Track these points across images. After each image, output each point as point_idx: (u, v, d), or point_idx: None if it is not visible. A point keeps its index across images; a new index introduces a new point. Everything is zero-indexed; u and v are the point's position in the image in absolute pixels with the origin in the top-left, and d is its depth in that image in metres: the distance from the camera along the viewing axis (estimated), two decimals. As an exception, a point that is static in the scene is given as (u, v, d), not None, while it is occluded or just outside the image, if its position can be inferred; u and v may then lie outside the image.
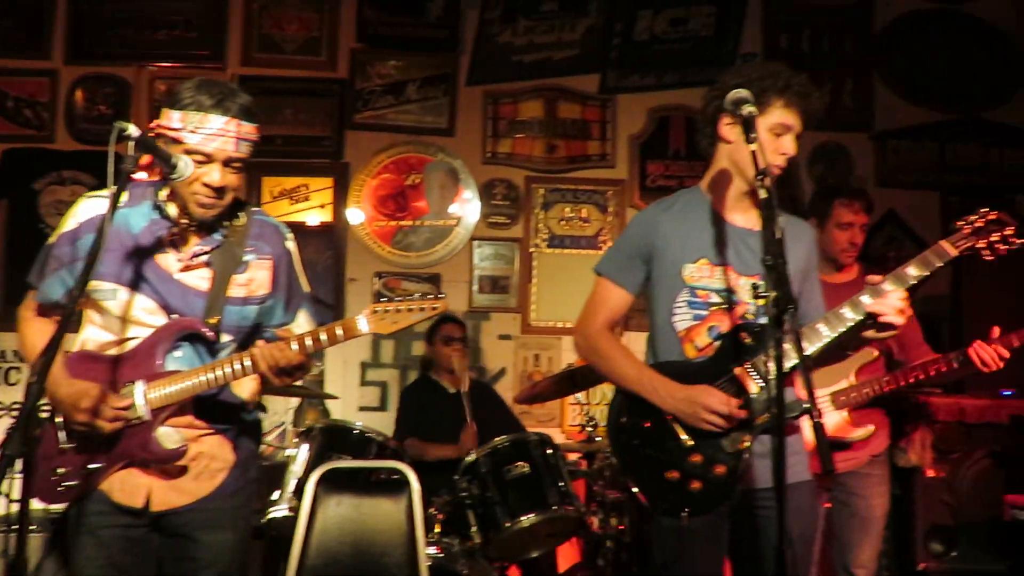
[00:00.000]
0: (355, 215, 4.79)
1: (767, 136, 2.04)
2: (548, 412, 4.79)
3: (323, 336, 1.92)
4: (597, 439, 3.91)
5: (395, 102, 4.83)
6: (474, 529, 3.22)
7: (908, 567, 3.81)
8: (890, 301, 1.96)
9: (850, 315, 2.00)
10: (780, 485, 1.66)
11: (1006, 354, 2.78)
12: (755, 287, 2.04)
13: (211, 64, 4.75)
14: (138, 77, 4.75)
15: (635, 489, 2.12)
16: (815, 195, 4.16)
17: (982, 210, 2.15)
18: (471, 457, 3.29)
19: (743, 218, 2.18)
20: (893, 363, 3.17)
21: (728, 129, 2.13)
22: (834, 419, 3.07)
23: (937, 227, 4.77)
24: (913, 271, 2.04)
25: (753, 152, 1.86)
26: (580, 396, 4.41)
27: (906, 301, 1.97)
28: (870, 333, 2.02)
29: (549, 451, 3.36)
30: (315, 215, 4.79)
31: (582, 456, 4.06)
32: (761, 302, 2.07)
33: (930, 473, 3.89)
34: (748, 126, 1.89)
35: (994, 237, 2.12)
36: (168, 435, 1.93)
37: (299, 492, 2.89)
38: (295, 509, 2.88)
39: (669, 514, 2.05)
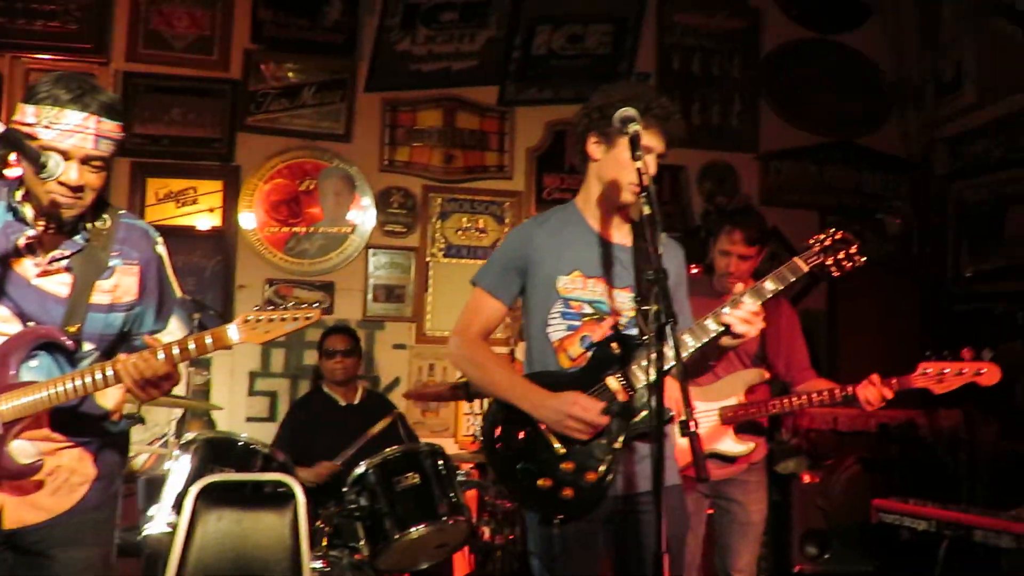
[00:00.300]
0: (246, 220, 4.66)
1: (628, 156, 2.09)
2: (442, 422, 4.77)
3: (191, 345, 1.84)
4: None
5: (290, 106, 4.73)
6: (362, 542, 3.17)
7: (785, 569, 3.97)
8: (740, 312, 2.04)
9: (713, 326, 2.09)
10: (658, 490, 1.71)
11: (890, 395, 2.87)
12: (636, 299, 2.09)
13: (93, 58, 4.53)
14: (12, 69, 4.48)
15: (510, 497, 2.14)
16: (715, 214, 4.31)
17: (830, 230, 2.27)
18: (360, 468, 3.23)
19: (614, 233, 2.26)
20: (778, 384, 3.30)
21: (595, 147, 2.21)
22: (720, 434, 3.18)
23: (816, 245, 5.01)
24: (770, 285, 2.15)
25: (639, 170, 1.91)
26: (474, 406, 4.43)
27: (758, 313, 2.06)
28: (725, 341, 2.10)
29: (440, 461, 3.33)
30: (204, 219, 4.63)
31: (475, 466, 4.07)
32: (632, 313, 2.16)
33: (806, 479, 4.07)
34: (634, 145, 1.94)
35: (840, 255, 2.24)
36: (22, 449, 1.82)
37: (178, 506, 2.78)
38: (173, 524, 2.77)
39: (543, 521, 2.10)
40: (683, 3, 5.21)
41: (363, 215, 4.80)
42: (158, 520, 2.99)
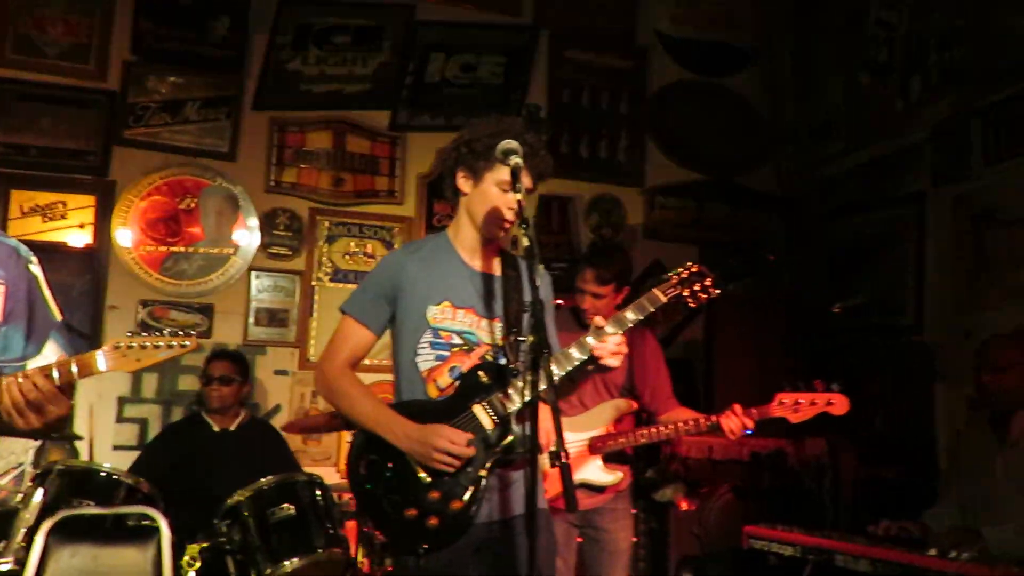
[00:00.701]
0: (120, 237, 4.45)
1: (496, 191, 2.16)
2: (324, 450, 4.66)
3: (55, 373, 1.74)
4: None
5: (172, 120, 4.57)
6: (232, 576, 3.06)
7: (662, 597, 4.05)
8: (608, 345, 2.10)
9: (577, 355, 2.14)
10: (531, 514, 1.73)
11: (751, 425, 3.06)
12: (512, 331, 2.11)
13: (-45, 61, 4.26)
14: None
15: (374, 529, 2.12)
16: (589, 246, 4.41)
17: (688, 263, 2.39)
18: (232, 499, 3.12)
19: (484, 263, 2.29)
20: (644, 411, 3.39)
21: (463, 182, 2.25)
22: (589, 464, 3.23)
23: (695, 278, 5.20)
24: (631, 315, 2.22)
25: (519, 202, 1.94)
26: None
27: (623, 343, 2.13)
28: (594, 371, 2.17)
29: (318, 492, 3.26)
30: (73, 235, 4.39)
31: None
32: (501, 343, 2.19)
33: (683, 506, 4.18)
34: (515, 177, 1.97)
35: (696, 287, 2.34)
36: None
37: (29, 543, 2.60)
38: (22, 562, 2.58)
39: (409, 552, 2.08)
40: (574, 40, 5.35)
41: (247, 236, 4.66)
42: (5, 557, 2.78)
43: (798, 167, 5.67)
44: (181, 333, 1.86)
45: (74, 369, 1.76)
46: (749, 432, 4.32)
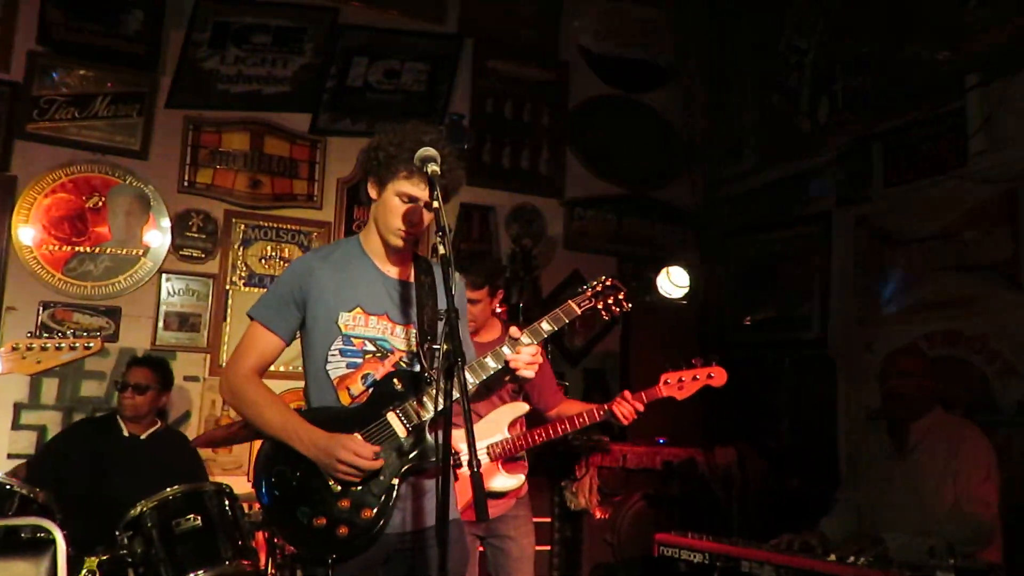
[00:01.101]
0: (21, 235, 4.24)
1: (396, 201, 2.15)
2: (235, 459, 4.54)
3: (-56, 375, 1.66)
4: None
5: (80, 116, 4.38)
6: (134, 590, 2.95)
7: (576, 604, 4.08)
8: (523, 356, 2.14)
9: (492, 364, 2.17)
10: (443, 524, 1.72)
11: (641, 408, 3.23)
12: (427, 338, 2.11)
13: None
14: None
15: (282, 540, 2.08)
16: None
17: (601, 277, 2.48)
18: (136, 510, 3.01)
19: (396, 270, 2.27)
20: (535, 413, 3.42)
21: (371, 187, 2.23)
22: (491, 471, 3.25)
23: (613, 289, 5.30)
24: (546, 326, 2.28)
25: (436, 210, 1.95)
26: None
27: (538, 353, 2.17)
28: (509, 380, 2.20)
29: (227, 502, 3.17)
30: (-32, 232, 4.17)
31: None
32: (415, 350, 2.17)
33: (597, 514, 4.23)
34: (432, 184, 1.98)
35: (610, 300, 2.43)
36: None
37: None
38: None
39: (319, 563, 2.05)
40: (497, 51, 5.39)
41: (158, 237, 4.52)
42: None
43: (711, 183, 5.84)
44: (85, 334, 1.80)
45: (-34, 373, 1.68)
46: (661, 442, 4.47)
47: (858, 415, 4.51)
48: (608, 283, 2.45)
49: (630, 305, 2.48)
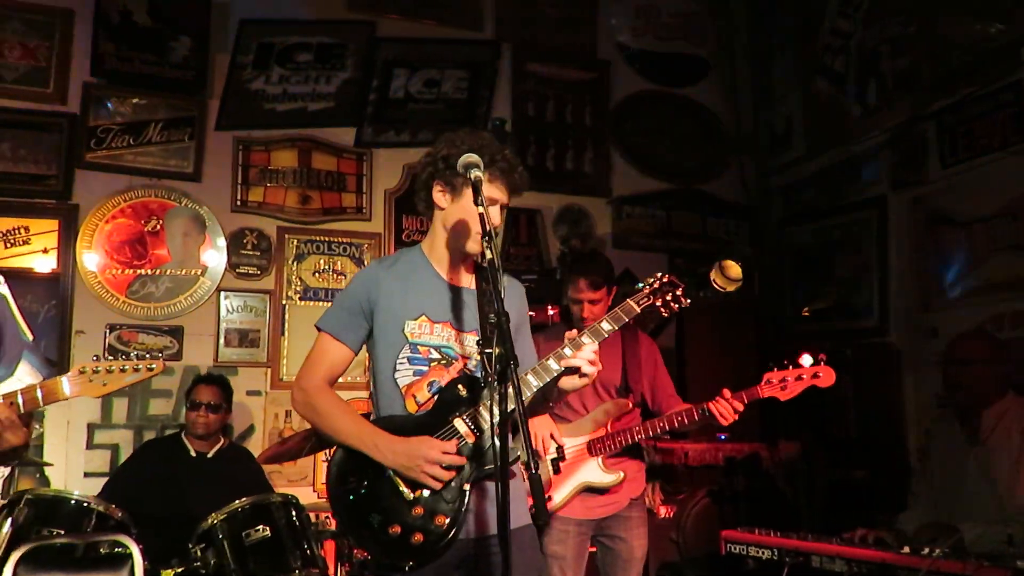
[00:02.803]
0: (86, 261, 4.39)
1: (473, 207, 2.13)
2: (300, 471, 4.62)
3: (20, 399, 1.72)
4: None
5: (134, 143, 4.51)
6: (209, 601, 3.02)
7: (642, 604, 4.04)
8: (584, 354, 2.11)
9: (554, 366, 2.14)
10: (504, 531, 1.71)
11: (740, 407, 3.08)
12: (479, 343, 2.12)
13: (-88, 88, 4.19)
14: None
15: (356, 548, 2.10)
16: (567, 258, 4.41)
17: (657, 274, 2.44)
18: (207, 523, 3.08)
19: (460, 277, 2.29)
20: (649, 412, 3.41)
21: (440, 196, 2.24)
22: (590, 467, 3.25)
23: (666, 286, 5.26)
24: (606, 325, 2.25)
25: (480, 215, 1.95)
26: (332, 454, 4.31)
27: (596, 352, 2.14)
28: (567, 383, 2.15)
29: (294, 512, 3.23)
30: (37, 260, 4.31)
31: (333, 515, 3.95)
32: (477, 356, 2.17)
33: (661, 513, 4.20)
34: (476, 190, 1.99)
35: (668, 296, 2.40)
36: None
37: (-2, 574, 2.54)
38: (-9, 595, 2.53)
39: (394, 569, 2.06)
40: (536, 54, 5.40)
41: (215, 257, 4.63)
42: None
43: (760, 174, 5.76)
44: (148, 356, 1.85)
45: (39, 395, 1.74)
46: (722, 438, 4.41)
47: (926, 403, 4.39)
48: (665, 279, 2.42)
49: (688, 301, 2.43)
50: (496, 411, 1.75)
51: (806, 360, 3.03)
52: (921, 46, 4.51)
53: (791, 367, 3.04)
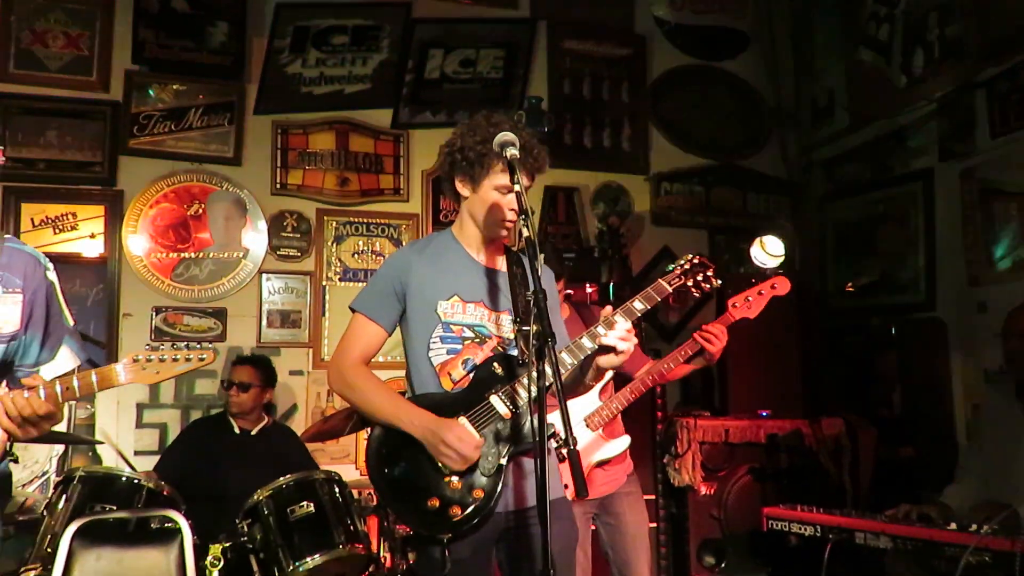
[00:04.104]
0: (131, 246, 4.48)
1: (495, 194, 2.19)
2: (343, 448, 4.69)
3: (76, 384, 1.77)
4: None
5: (175, 128, 4.59)
6: (257, 574, 3.08)
7: (684, 581, 4.05)
8: (617, 332, 2.11)
9: (589, 344, 2.15)
10: (543, 506, 1.72)
11: (724, 330, 3.21)
12: (515, 321, 2.13)
13: (-39, 79, 4.29)
14: None
15: (396, 521, 2.14)
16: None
17: (689, 255, 2.48)
18: (253, 499, 3.15)
19: (492, 260, 2.32)
20: (620, 376, 3.42)
21: (461, 187, 2.27)
22: (591, 440, 3.26)
23: (705, 264, 5.21)
24: (638, 304, 2.26)
25: (517, 193, 1.96)
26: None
27: (631, 330, 2.14)
28: (604, 362, 2.15)
29: (337, 489, 3.28)
30: (85, 245, 4.42)
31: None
32: (513, 335, 2.20)
33: (702, 490, 4.18)
34: (512, 169, 1.99)
35: (699, 277, 2.44)
36: None
37: (54, 548, 2.63)
38: (48, 567, 2.62)
39: (432, 542, 2.09)
40: (572, 30, 5.35)
41: (256, 239, 4.69)
42: (34, 563, 2.82)
43: (802, 148, 5.65)
44: (198, 347, 1.89)
45: (94, 379, 1.79)
46: (763, 415, 4.37)
47: (975, 378, 4.30)
48: (696, 260, 2.46)
49: (719, 281, 2.48)
50: (534, 389, 1.76)
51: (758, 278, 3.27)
52: (970, 13, 4.37)
53: (748, 288, 3.23)
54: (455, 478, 2.10)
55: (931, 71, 4.65)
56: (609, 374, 3.29)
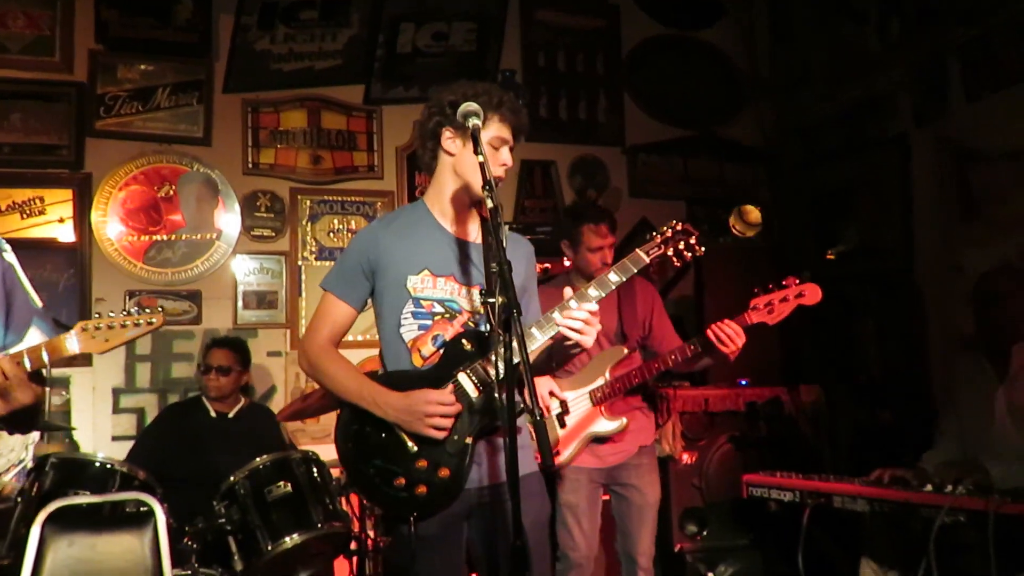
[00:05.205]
0: (101, 229, 4.41)
1: (488, 150, 2.13)
2: (323, 428, 4.65)
3: (26, 360, 1.74)
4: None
5: (143, 109, 4.50)
6: (236, 556, 3.08)
7: (667, 549, 4.08)
8: (578, 315, 2.03)
9: (559, 319, 2.09)
10: (514, 481, 1.72)
11: (740, 330, 2.98)
12: (482, 292, 2.11)
13: (-82, 63, 4.20)
14: None
15: (366, 501, 2.14)
16: (564, 216, 4.39)
17: (672, 222, 2.38)
18: (229, 481, 3.13)
19: (465, 231, 2.27)
20: (650, 356, 3.40)
21: (450, 143, 2.21)
22: (594, 416, 3.25)
23: (684, 234, 5.20)
24: (613, 277, 2.21)
25: (481, 164, 1.93)
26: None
27: (595, 313, 2.05)
28: (572, 344, 2.08)
29: (315, 468, 3.27)
30: (54, 230, 4.35)
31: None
32: (483, 310, 2.15)
33: (683, 460, 4.20)
34: (475, 139, 1.96)
35: (680, 245, 2.35)
36: None
37: (26, 534, 2.60)
38: (20, 555, 2.59)
39: (400, 521, 2.09)
40: (545, 1, 5.28)
41: (229, 220, 4.63)
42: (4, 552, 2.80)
43: (778, 116, 5.63)
44: (148, 311, 1.86)
45: (44, 354, 1.76)
46: (743, 383, 4.38)
47: (951, 342, 4.32)
48: (679, 228, 2.37)
49: (703, 249, 2.39)
50: (500, 362, 1.74)
51: (791, 280, 2.98)
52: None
53: (776, 290, 2.97)
54: (421, 458, 2.09)
55: (905, 37, 4.63)
56: (617, 354, 3.26)
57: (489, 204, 1.88)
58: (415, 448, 2.09)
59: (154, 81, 4.53)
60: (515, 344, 1.73)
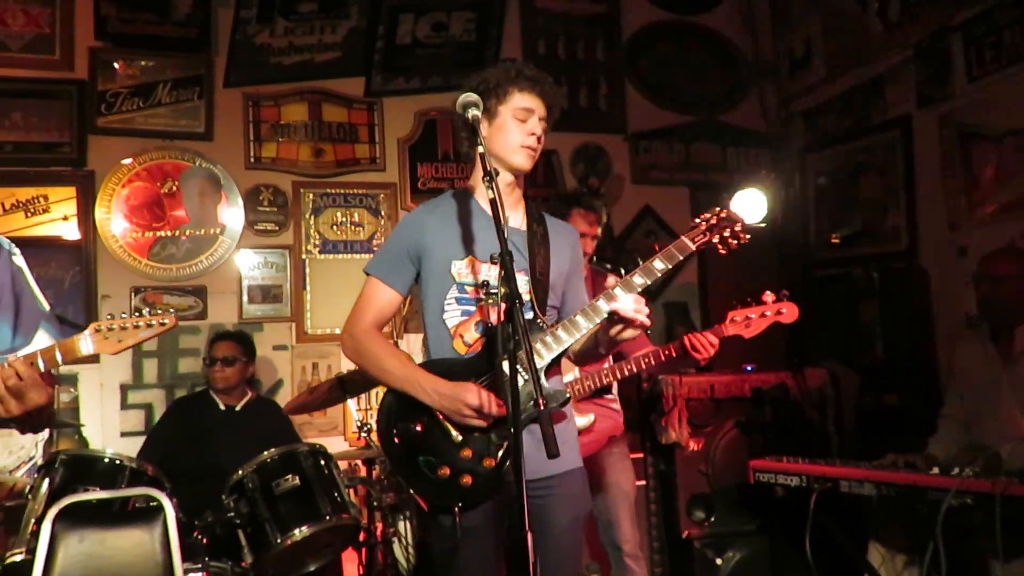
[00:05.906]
0: (105, 226, 4.42)
1: (513, 124, 2.14)
2: (330, 421, 4.69)
3: (39, 361, 1.75)
4: (372, 445, 3.91)
5: (144, 105, 4.50)
6: (245, 549, 3.09)
7: (675, 536, 4.09)
8: (626, 302, 2.06)
9: (604, 307, 2.10)
10: (518, 473, 1.71)
11: (716, 341, 3.09)
12: (486, 284, 2.10)
13: (-81, 63, 4.20)
14: None
15: (410, 489, 2.13)
16: (558, 199, 4.39)
17: (715, 208, 2.35)
18: (238, 475, 3.15)
19: (509, 216, 2.22)
20: (617, 355, 3.39)
21: (482, 124, 2.16)
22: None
23: (688, 220, 5.18)
24: (659, 264, 2.19)
25: (481, 154, 1.92)
26: (360, 401, 4.38)
27: (641, 299, 2.08)
28: (617, 331, 2.09)
29: (322, 461, 3.28)
30: (58, 228, 4.36)
31: (363, 462, 4.03)
32: (528, 296, 2.15)
33: (690, 446, 4.20)
34: (474, 130, 1.96)
35: (726, 232, 2.32)
36: None
37: (38, 531, 2.62)
38: (33, 551, 2.61)
39: (443, 511, 2.08)
40: (544, -11, 5.26)
41: (232, 215, 4.64)
42: (18, 548, 2.82)
43: (781, 100, 5.60)
44: (160, 311, 1.86)
45: (57, 355, 1.77)
46: (748, 369, 4.38)
47: (956, 324, 4.31)
48: (723, 214, 2.32)
49: (748, 237, 2.35)
50: (553, 353, 1.72)
51: (769, 297, 3.04)
52: (944, -45, 4.32)
53: (754, 304, 3.03)
54: (466, 447, 2.08)
55: (907, 17, 4.60)
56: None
57: (489, 195, 1.87)
58: (460, 437, 2.08)
59: (155, 77, 4.53)
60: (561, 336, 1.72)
